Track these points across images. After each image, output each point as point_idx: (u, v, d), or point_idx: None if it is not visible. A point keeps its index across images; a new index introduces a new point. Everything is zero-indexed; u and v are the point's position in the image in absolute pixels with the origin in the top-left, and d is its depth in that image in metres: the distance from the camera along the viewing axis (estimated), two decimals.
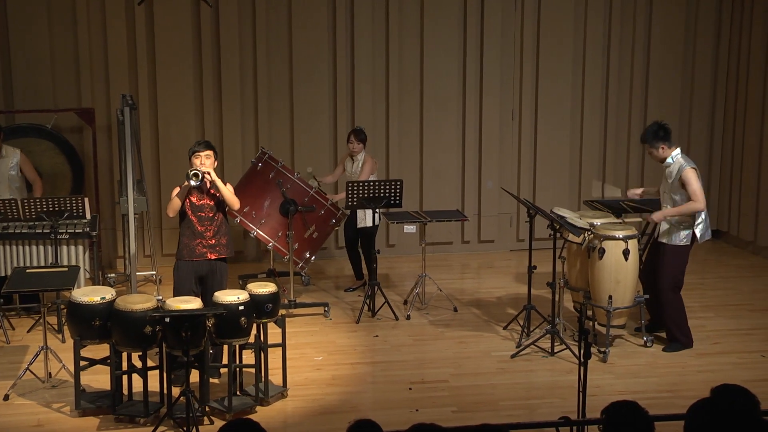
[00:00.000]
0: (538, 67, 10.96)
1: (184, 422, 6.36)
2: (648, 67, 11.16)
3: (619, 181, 10.95)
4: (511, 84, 10.94)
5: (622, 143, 11.25)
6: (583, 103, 11.12)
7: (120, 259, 10.25)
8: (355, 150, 9.33)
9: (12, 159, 8.84)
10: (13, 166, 8.84)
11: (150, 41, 10.17)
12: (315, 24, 10.47)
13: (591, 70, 11.05)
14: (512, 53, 10.88)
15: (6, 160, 8.82)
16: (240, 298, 6.72)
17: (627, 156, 11.26)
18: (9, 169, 8.82)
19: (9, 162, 8.83)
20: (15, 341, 8.17)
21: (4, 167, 8.80)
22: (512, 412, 6.79)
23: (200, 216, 7.23)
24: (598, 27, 11.00)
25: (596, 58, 11.04)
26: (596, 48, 11.03)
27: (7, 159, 8.82)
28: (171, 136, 10.15)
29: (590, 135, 11.19)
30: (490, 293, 9.60)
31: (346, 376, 7.50)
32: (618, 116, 11.20)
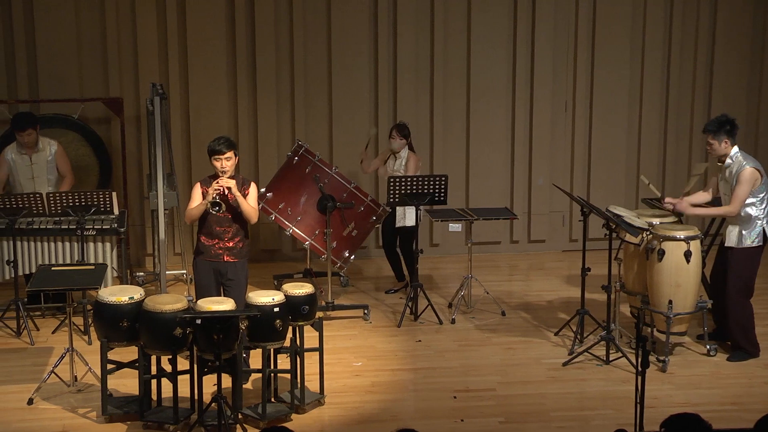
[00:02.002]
0: (594, 56, 10.89)
1: (215, 430, 6.40)
2: (712, 60, 11.04)
3: (680, 182, 10.84)
4: (564, 74, 10.89)
5: (684, 141, 11.14)
6: (641, 97, 11.03)
7: (149, 257, 10.34)
8: (396, 147, 9.31)
9: (49, 150, 8.95)
10: (50, 159, 8.95)
11: (181, 27, 10.24)
12: (355, 8, 10.48)
13: (650, 61, 10.96)
14: (566, 41, 10.83)
15: (43, 152, 8.92)
16: (275, 299, 6.74)
17: (689, 155, 11.15)
18: (47, 163, 8.93)
19: (46, 154, 8.94)
20: (39, 342, 8.26)
21: (42, 160, 8.91)
22: (564, 423, 6.76)
23: (219, 218, 7.27)
24: (658, 15, 10.90)
25: (656, 49, 10.95)
26: (656, 38, 10.93)
27: (44, 152, 8.93)
28: (203, 128, 10.21)
29: (649, 131, 11.10)
30: (541, 296, 9.57)
31: (386, 383, 7.51)
32: (679, 112, 11.10)
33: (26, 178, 8.89)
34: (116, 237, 8.60)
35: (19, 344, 8.25)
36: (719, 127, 7.68)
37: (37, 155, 8.90)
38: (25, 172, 8.89)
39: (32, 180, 8.89)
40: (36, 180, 8.89)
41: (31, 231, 8.46)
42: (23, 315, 8.37)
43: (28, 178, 8.89)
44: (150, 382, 6.84)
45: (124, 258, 8.89)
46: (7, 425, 6.73)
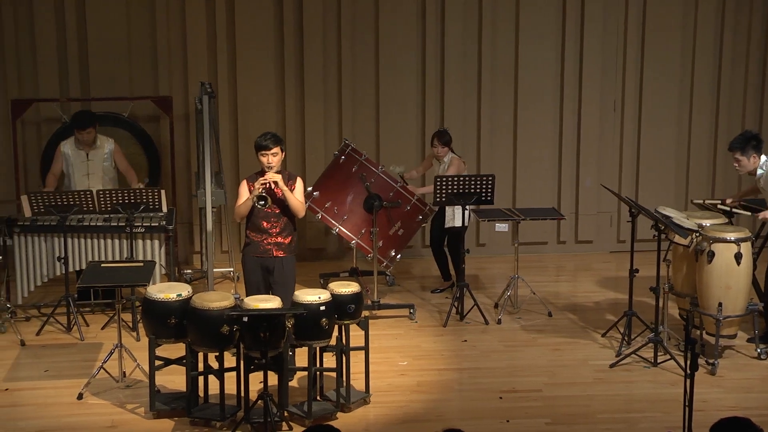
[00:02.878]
0: (643, 55, 10.80)
1: (261, 427, 6.44)
2: (765, 61, 10.91)
3: (731, 186, 10.72)
4: (613, 74, 10.81)
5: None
6: (692, 96, 10.92)
7: (196, 254, 10.41)
8: (439, 154, 9.30)
9: (106, 148, 9.06)
10: (107, 156, 9.05)
11: (230, 27, 10.30)
12: (403, 8, 10.48)
13: (701, 60, 10.85)
14: (615, 40, 10.75)
15: (100, 150, 9.03)
16: (321, 297, 6.76)
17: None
18: (103, 160, 9.03)
19: (103, 152, 9.04)
20: (89, 338, 8.36)
21: (98, 158, 9.02)
22: (611, 425, 6.71)
23: (267, 212, 7.30)
24: (709, 13, 10.79)
25: (707, 48, 10.83)
26: (707, 36, 10.82)
27: (101, 149, 9.04)
28: (250, 126, 10.26)
29: (699, 132, 10.99)
30: (588, 297, 9.51)
31: (431, 383, 7.50)
32: (730, 113, 10.98)
33: (81, 174, 9.00)
34: (164, 234, 8.67)
35: (69, 340, 8.35)
36: (746, 143, 7.72)
37: (93, 152, 9.00)
38: (80, 167, 8.99)
39: (87, 176, 8.99)
40: (91, 176, 8.99)
41: (82, 228, 8.56)
42: (73, 311, 8.46)
43: (83, 174, 8.99)
44: (197, 379, 6.88)
45: (172, 255, 8.96)
46: (58, 419, 6.81)
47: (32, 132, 10.19)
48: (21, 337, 8.24)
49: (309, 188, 8.65)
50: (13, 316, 8.59)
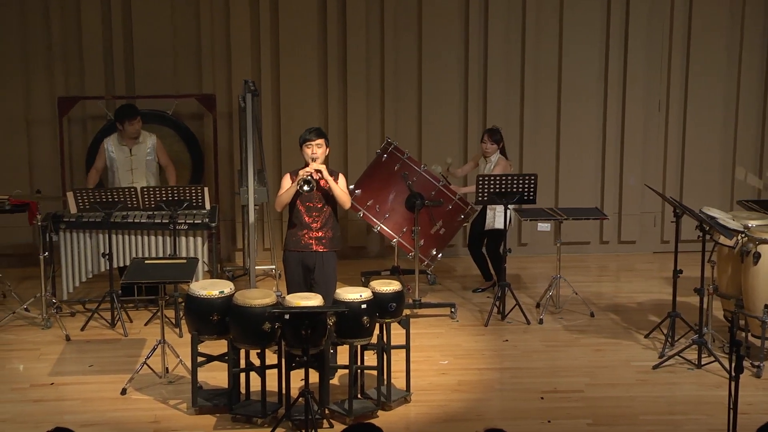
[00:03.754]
0: (689, 55, 10.70)
1: (302, 424, 6.45)
2: None
3: None
4: (658, 73, 10.72)
5: None
6: (738, 96, 10.80)
7: (239, 252, 10.47)
8: (488, 151, 9.26)
9: (149, 143, 9.14)
10: (150, 151, 9.13)
11: (274, 25, 10.34)
12: (447, 5, 10.47)
13: (748, 59, 10.73)
14: (660, 39, 10.66)
15: (143, 145, 9.11)
16: (362, 296, 6.77)
17: None
18: (146, 155, 9.11)
19: (145, 147, 9.12)
20: (132, 334, 8.43)
21: (141, 153, 9.10)
22: (653, 427, 6.67)
23: (309, 206, 7.32)
24: (756, 14, 10.66)
25: (754, 47, 10.71)
26: (754, 34, 10.69)
27: (144, 144, 9.12)
28: (293, 124, 10.30)
29: (745, 132, 10.87)
30: (630, 298, 9.44)
31: (472, 382, 7.49)
32: None
33: (125, 170, 9.08)
34: (207, 232, 8.72)
35: (113, 335, 8.42)
36: None
37: (137, 147, 9.09)
38: (124, 163, 9.07)
39: (131, 172, 9.07)
40: (134, 172, 9.07)
41: (126, 225, 8.63)
42: (117, 307, 8.54)
43: (127, 170, 9.08)
44: (239, 375, 6.92)
45: (214, 252, 9.01)
46: (102, 414, 6.88)
47: (78, 129, 10.29)
48: (66, 333, 8.32)
49: (351, 186, 8.66)
50: (59, 311, 8.68)
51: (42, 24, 10.13)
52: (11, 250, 10.14)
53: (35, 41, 10.15)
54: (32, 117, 10.25)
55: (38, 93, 10.22)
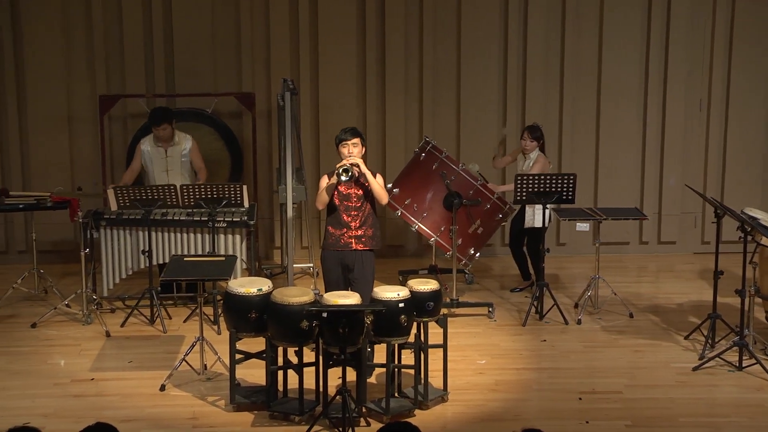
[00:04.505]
0: (731, 54, 10.60)
1: (340, 422, 6.46)
2: None
3: None
4: (699, 72, 10.64)
5: None
6: None
7: (277, 249, 10.50)
8: (527, 148, 9.23)
9: (184, 145, 9.19)
10: (185, 153, 9.18)
11: (313, 24, 10.37)
12: (486, 5, 10.44)
13: None
14: (702, 38, 10.57)
15: (178, 147, 9.16)
16: (400, 294, 6.77)
17: None
18: (181, 157, 9.17)
19: (181, 148, 9.18)
20: (171, 331, 8.48)
21: (176, 154, 9.16)
22: (692, 429, 6.61)
23: (347, 205, 7.35)
24: None
25: None
26: None
27: (179, 146, 9.17)
28: (331, 123, 10.32)
29: None
30: (670, 299, 9.37)
31: (510, 382, 7.46)
32: None
33: (160, 170, 9.14)
34: (246, 229, 8.76)
35: (152, 332, 8.48)
36: None
37: (172, 149, 9.14)
38: (159, 164, 9.13)
39: (166, 172, 9.13)
40: (170, 173, 9.13)
41: (165, 222, 8.69)
42: (156, 304, 8.60)
43: (162, 171, 9.13)
44: (277, 373, 6.94)
45: (253, 250, 9.05)
46: (141, 410, 6.93)
47: (119, 127, 10.38)
48: (106, 329, 8.39)
49: (389, 185, 8.66)
50: (99, 307, 8.75)
51: (84, 23, 10.22)
52: (53, 247, 10.24)
53: (77, 40, 10.25)
54: (74, 115, 10.35)
55: (80, 91, 10.31)
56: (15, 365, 7.75)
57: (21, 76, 10.26)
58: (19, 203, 9.10)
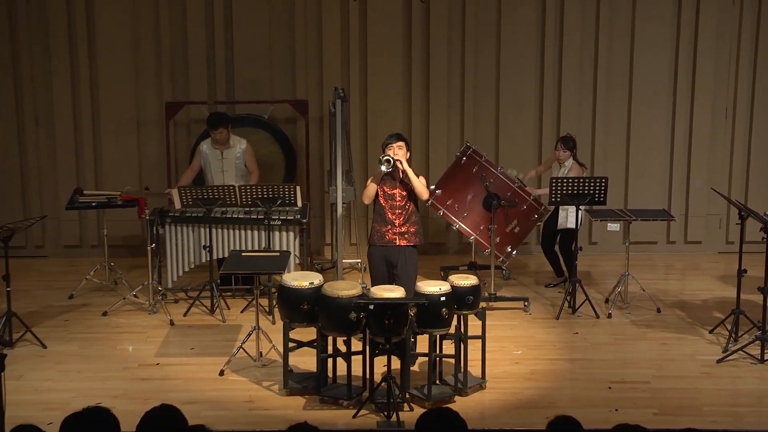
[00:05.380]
0: (756, 65, 10.46)
1: (385, 407, 6.47)
2: None
3: None
4: (725, 82, 10.51)
5: None
6: None
7: (327, 246, 10.53)
8: (561, 158, 9.18)
9: (239, 147, 9.25)
10: (239, 155, 9.24)
11: (362, 36, 10.38)
12: (524, 18, 10.40)
13: None
14: (728, 50, 10.45)
15: (233, 149, 9.23)
16: (442, 289, 6.77)
17: None
18: (236, 159, 9.23)
19: (236, 151, 9.24)
20: (230, 320, 8.54)
21: (232, 156, 9.22)
22: (717, 418, 6.53)
23: (391, 204, 7.40)
24: None
25: None
26: None
27: (234, 148, 9.23)
28: (379, 128, 10.33)
29: None
30: (696, 295, 9.27)
31: (544, 372, 7.43)
32: None
33: (217, 171, 9.20)
34: (299, 227, 8.79)
35: (212, 321, 8.54)
36: None
37: (228, 151, 9.20)
38: (216, 165, 9.20)
39: (222, 173, 9.19)
40: (225, 173, 9.19)
41: (225, 220, 8.75)
42: (216, 295, 8.65)
43: (219, 171, 9.20)
44: (327, 360, 6.96)
45: (305, 246, 9.07)
46: (202, 393, 6.99)
47: (182, 132, 10.46)
48: (170, 318, 8.47)
49: (432, 186, 8.66)
50: (164, 298, 8.83)
51: (152, 34, 10.31)
52: (122, 242, 10.34)
53: (146, 51, 10.34)
54: (142, 120, 10.45)
55: (148, 98, 10.41)
56: (88, 350, 7.85)
57: (95, 85, 10.37)
58: (92, 202, 9.21)
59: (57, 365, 7.52)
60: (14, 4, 10.18)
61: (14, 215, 9.83)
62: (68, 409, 4.10)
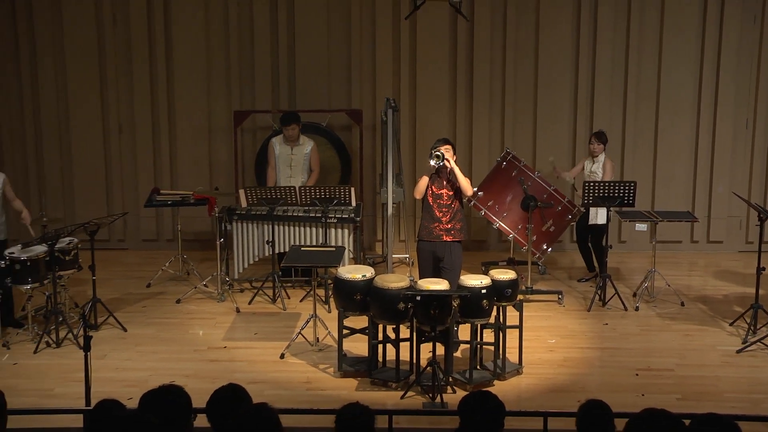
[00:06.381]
0: None
1: (430, 389, 6.48)
2: None
3: None
4: (746, 94, 10.33)
5: None
6: None
7: (378, 242, 10.53)
8: (595, 150, 9.15)
9: (307, 147, 9.30)
10: (306, 154, 9.30)
11: (412, 50, 10.37)
12: (560, 35, 10.32)
13: None
14: (749, 64, 10.26)
15: (302, 147, 9.28)
16: (483, 282, 6.76)
17: None
18: (303, 156, 9.28)
19: (304, 150, 9.29)
20: (290, 309, 8.58)
21: (300, 153, 9.27)
22: (736, 404, 6.46)
23: (439, 203, 7.41)
24: None
25: None
26: None
27: (303, 147, 9.29)
28: (426, 135, 10.29)
29: None
30: (717, 290, 9.15)
31: (576, 359, 7.38)
32: None
33: (285, 166, 9.25)
34: (353, 225, 8.81)
35: (274, 309, 8.60)
36: None
37: (297, 148, 9.25)
38: (285, 160, 9.25)
39: (289, 167, 9.24)
40: (293, 169, 9.24)
41: (286, 217, 8.79)
42: (278, 286, 8.71)
43: (287, 166, 9.25)
44: (377, 346, 6.98)
45: (358, 242, 9.09)
46: (264, 374, 7.05)
47: (249, 138, 10.52)
48: (236, 305, 8.54)
49: (474, 188, 8.64)
50: (231, 288, 8.90)
51: (223, 50, 10.39)
52: (194, 237, 10.43)
53: (217, 64, 10.43)
54: (213, 127, 10.53)
55: (218, 107, 10.49)
56: (163, 334, 7.95)
57: (171, 96, 10.48)
58: (167, 200, 9.32)
59: (136, 347, 7.63)
60: (103, 24, 10.33)
61: (99, 212, 9.97)
62: (145, 386, 4.16)
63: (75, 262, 7.94)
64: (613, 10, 10.22)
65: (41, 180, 10.59)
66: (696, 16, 10.20)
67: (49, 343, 7.55)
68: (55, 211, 10.22)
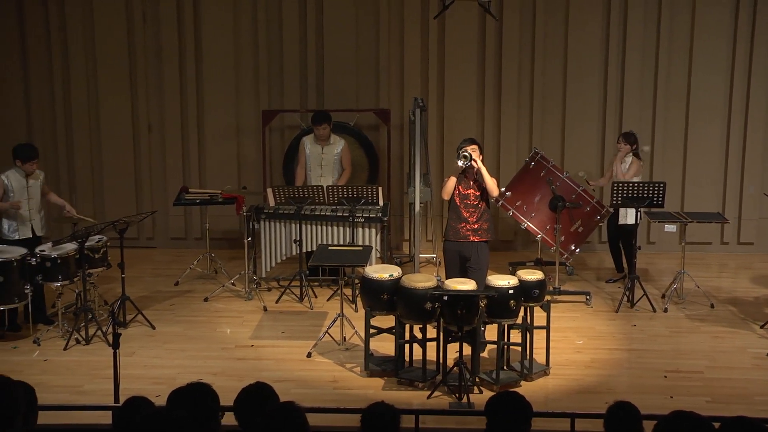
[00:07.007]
0: None
1: (456, 389, 6.46)
2: None
3: None
4: None
5: None
6: None
7: (405, 242, 10.52)
8: (621, 150, 9.09)
9: (338, 146, 9.32)
10: (337, 152, 9.31)
11: (440, 50, 10.35)
12: (589, 36, 10.25)
13: None
14: None
15: (333, 146, 9.30)
16: (510, 282, 6.73)
17: None
18: (334, 155, 9.30)
19: (335, 148, 9.31)
20: (317, 307, 8.59)
21: (331, 152, 9.29)
22: (766, 407, 6.37)
23: (466, 203, 7.41)
24: None
25: None
26: None
27: (334, 145, 9.31)
28: (454, 135, 10.25)
29: None
30: (747, 293, 9.05)
31: (604, 360, 7.34)
32: None
33: (316, 165, 9.27)
34: (380, 224, 8.81)
35: (301, 308, 8.61)
36: None
37: (328, 147, 9.27)
38: (316, 159, 9.27)
39: (320, 167, 9.25)
40: (323, 168, 9.25)
41: (313, 217, 8.80)
42: (305, 285, 8.72)
43: (317, 165, 9.27)
44: (404, 346, 6.99)
45: (385, 242, 9.08)
46: (291, 372, 7.07)
47: (277, 137, 10.55)
48: (264, 304, 8.57)
49: (502, 188, 8.61)
50: (258, 286, 8.93)
51: (251, 50, 10.42)
52: (222, 235, 10.47)
53: (245, 64, 10.46)
54: (241, 126, 10.57)
55: (246, 107, 10.53)
56: (191, 331, 7.99)
57: (201, 96, 10.53)
58: (196, 199, 9.37)
59: (164, 344, 7.67)
60: (133, 24, 10.40)
61: (128, 210, 10.03)
62: (173, 383, 4.19)
63: (104, 260, 8.02)
64: (642, 10, 10.14)
65: (71, 178, 10.69)
66: (727, 18, 10.09)
67: (78, 340, 7.62)
68: (85, 209, 10.29)
